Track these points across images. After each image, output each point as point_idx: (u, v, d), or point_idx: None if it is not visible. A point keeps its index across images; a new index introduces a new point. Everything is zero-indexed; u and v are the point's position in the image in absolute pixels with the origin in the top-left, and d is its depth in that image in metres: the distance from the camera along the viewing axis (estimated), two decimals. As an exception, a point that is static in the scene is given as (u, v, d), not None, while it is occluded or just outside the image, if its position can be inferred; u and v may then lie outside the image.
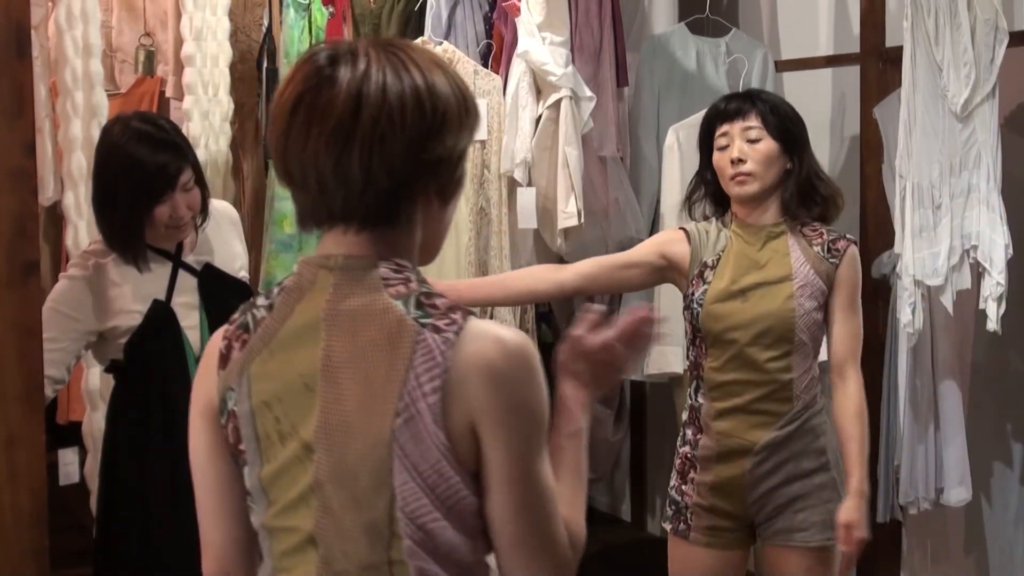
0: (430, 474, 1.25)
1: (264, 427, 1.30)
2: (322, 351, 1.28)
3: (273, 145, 1.31)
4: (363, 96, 1.25)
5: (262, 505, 1.33)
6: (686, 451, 2.50)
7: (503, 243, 3.68)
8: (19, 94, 2.05)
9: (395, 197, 1.29)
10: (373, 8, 4.11)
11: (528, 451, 1.27)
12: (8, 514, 2.04)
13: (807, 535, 2.42)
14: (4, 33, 2.03)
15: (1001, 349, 3.53)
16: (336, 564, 1.28)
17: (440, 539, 1.26)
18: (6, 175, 2.04)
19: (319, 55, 1.29)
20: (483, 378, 1.24)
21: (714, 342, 2.43)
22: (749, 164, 2.44)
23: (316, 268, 1.31)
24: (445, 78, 1.30)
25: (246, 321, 1.34)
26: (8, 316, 2.05)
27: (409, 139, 1.26)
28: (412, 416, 1.24)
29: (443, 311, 1.27)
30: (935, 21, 3.13)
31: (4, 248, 2.04)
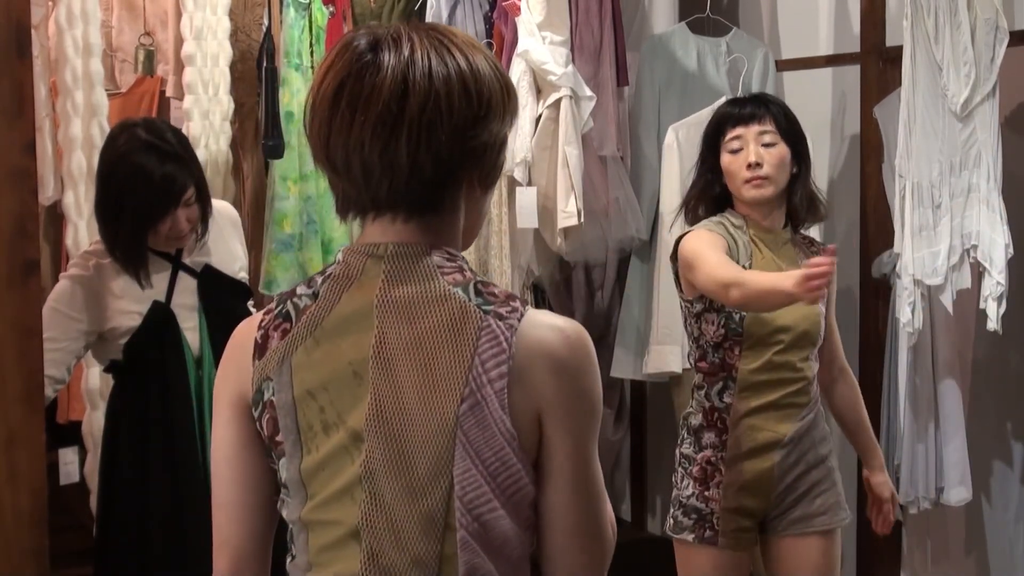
0: (493, 461, 1.23)
1: (307, 417, 1.27)
2: (375, 338, 1.25)
3: (315, 133, 1.27)
4: (409, 82, 1.22)
5: (298, 498, 1.29)
6: (707, 455, 2.51)
7: (503, 242, 3.68)
8: (19, 94, 2.05)
9: (441, 185, 1.26)
10: (373, 7, 4.11)
11: (588, 439, 1.27)
12: (8, 514, 2.04)
13: (826, 518, 2.53)
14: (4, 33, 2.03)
15: (1001, 349, 3.53)
16: (383, 558, 1.24)
17: (495, 531, 1.24)
18: (6, 175, 2.04)
19: (359, 41, 1.26)
20: (548, 366, 1.24)
21: (753, 344, 2.47)
22: (766, 168, 2.48)
23: (364, 257, 1.28)
24: (486, 61, 1.28)
25: (286, 310, 1.30)
26: (8, 316, 2.05)
27: (456, 126, 1.24)
28: (478, 402, 1.22)
29: (503, 299, 1.26)
30: (935, 20, 3.13)
31: (4, 248, 2.04)
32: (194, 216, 2.49)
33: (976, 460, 3.44)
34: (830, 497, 2.53)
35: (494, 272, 3.68)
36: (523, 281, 3.81)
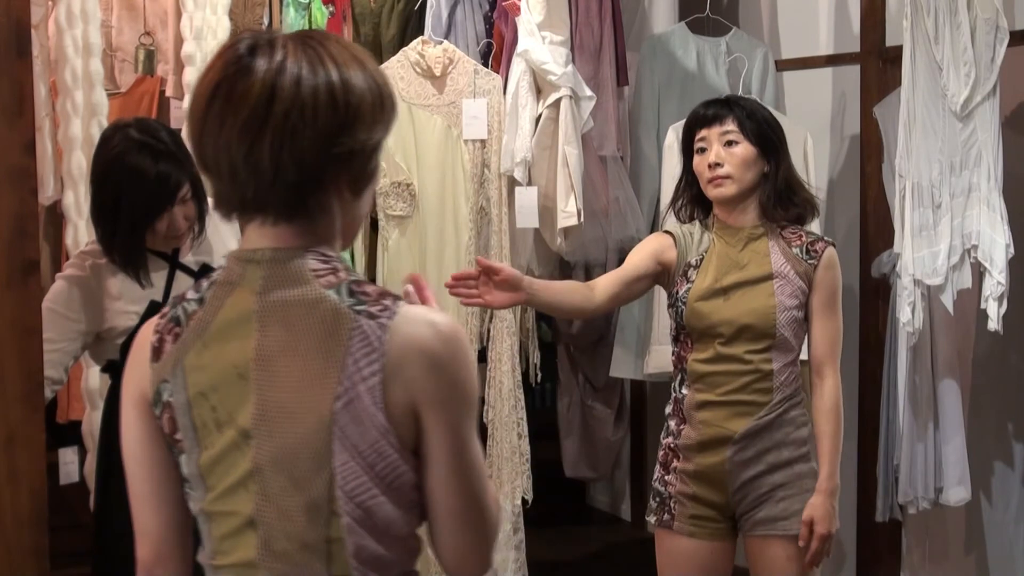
0: (369, 453, 1.30)
1: (201, 416, 1.35)
2: (255, 342, 1.32)
3: (191, 132, 1.33)
4: (277, 88, 1.27)
5: (200, 491, 1.37)
6: (668, 441, 2.59)
7: (503, 242, 3.68)
8: (19, 93, 2.05)
9: (305, 188, 1.31)
10: (373, 7, 4.11)
11: (464, 427, 1.33)
12: (8, 514, 2.04)
13: (788, 523, 2.49)
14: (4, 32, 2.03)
15: (1002, 348, 3.53)
16: (276, 544, 1.33)
17: (378, 515, 1.32)
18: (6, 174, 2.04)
19: (240, 44, 1.32)
20: (421, 361, 1.29)
21: (699, 337, 2.53)
22: (726, 167, 2.53)
23: (244, 263, 1.35)
24: (363, 74, 1.33)
25: (177, 315, 1.38)
26: (8, 316, 2.05)
27: (319, 133, 1.29)
28: (352, 399, 1.28)
29: (375, 298, 1.32)
30: (935, 20, 3.13)
31: (4, 248, 2.04)
32: (191, 214, 2.48)
33: (976, 460, 3.44)
34: (794, 503, 2.48)
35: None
36: (523, 281, 3.81)
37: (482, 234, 3.73)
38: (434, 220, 3.70)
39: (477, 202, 3.73)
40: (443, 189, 3.70)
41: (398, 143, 3.68)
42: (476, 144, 3.71)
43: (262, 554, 1.33)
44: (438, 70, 3.69)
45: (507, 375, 3.67)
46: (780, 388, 2.50)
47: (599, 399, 4.40)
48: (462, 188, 3.70)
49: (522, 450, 3.69)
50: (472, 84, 3.71)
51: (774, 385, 2.50)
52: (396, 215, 3.68)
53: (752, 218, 2.57)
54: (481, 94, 3.70)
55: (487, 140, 3.71)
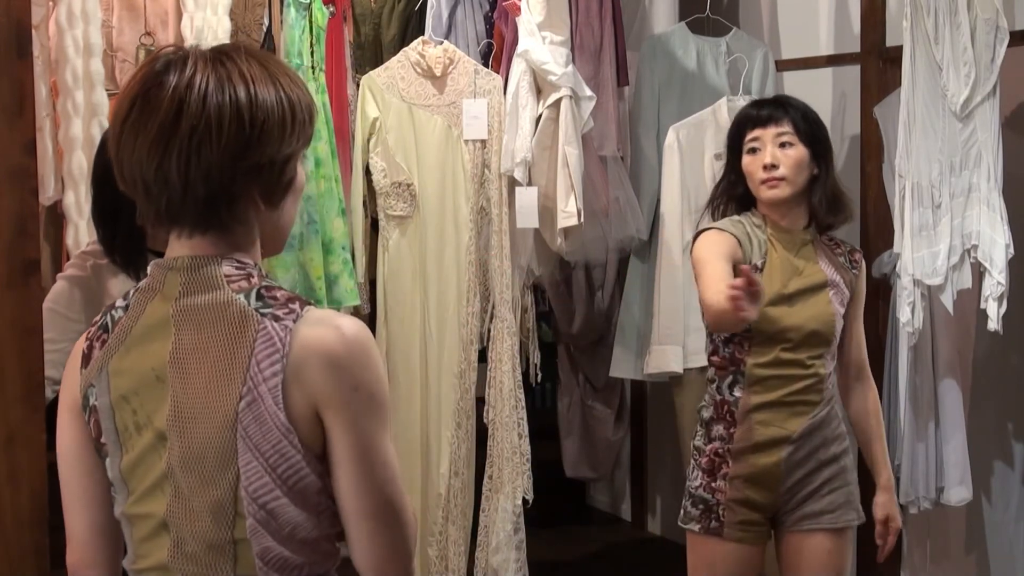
0: (271, 454, 1.32)
1: (123, 419, 1.38)
2: (171, 344, 1.36)
3: (111, 145, 1.37)
4: (184, 104, 1.31)
5: (123, 495, 1.41)
6: (715, 447, 2.56)
7: (503, 242, 3.68)
8: (19, 93, 2.05)
9: (215, 201, 1.35)
10: (374, 8, 4.11)
11: (369, 429, 1.34)
12: (8, 514, 2.04)
13: (834, 516, 2.54)
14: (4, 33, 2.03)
15: (1002, 348, 3.53)
16: (185, 546, 1.36)
17: (282, 518, 1.33)
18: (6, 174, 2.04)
19: (158, 60, 1.36)
20: (322, 362, 1.32)
21: (762, 341, 2.52)
22: (781, 169, 2.53)
23: (165, 270, 1.39)
24: (274, 89, 1.36)
25: (106, 322, 1.42)
26: (8, 316, 2.05)
27: (225, 148, 1.32)
28: (255, 399, 1.31)
29: (282, 302, 1.35)
30: (935, 21, 3.13)
31: (4, 248, 2.04)
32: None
33: (976, 460, 3.44)
34: (840, 496, 2.55)
35: (494, 272, 3.68)
36: (523, 281, 3.81)
37: (482, 234, 3.73)
38: (434, 220, 3.70)
39: (477, 202, 3.73)
40: (443, 189, 3.70)
41: (398, 143, 3.68)
42: (476, 144, 3.71)
43: (173, 555, 1.37)
44: (438, 70, 3.69)
45: (507, 375, 3.67)
46: (829, 387, 2.57)
47: (599, 399, 4.40)
48: (462, 188, 3.70)
49: (522, 450, 3.69)
50: (472, 84, 3.71)
51: (825, 386, 2.55)
52: (396, 215, 3.68)
53: (802, 222, 2.59)
54: (481, 94, 3.70)
55: (487, 140, 3.71)
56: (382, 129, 3.69)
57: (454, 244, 3.70)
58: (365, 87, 3.70)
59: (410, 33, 4.00)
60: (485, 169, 3.72)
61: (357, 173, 3.68)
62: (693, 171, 3.80)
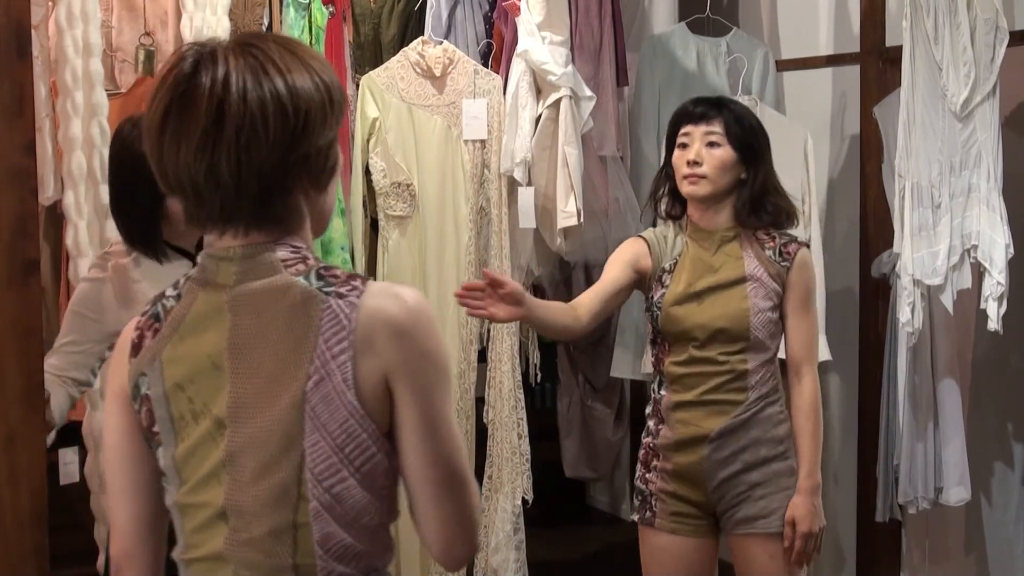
0: (339, 434, 1.31)
1: (178, 408, 1.37)
2: (228, 332, 1.35)
3: (150, 155, 1.36)
4: (225, 105, 1.30)
5: (175, 484, 1.39)
6: (648, 441, 2.62)
7: (503, 242, 3.68)
8: (19, 94, 2.05)
9: (269, 197, 1.35)
10: (373, 8, 4.11)
11: (437, 397, 1.35)
12: (8, 514, 2.04)
13: (768, 521, 2.51)
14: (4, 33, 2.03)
15: (1001, 349, 3.53)
16: (244, 532, 1.34)
17: (347, 502, 1.33)
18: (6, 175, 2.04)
19: (185, 61, 1.33)
20: (388, 332, 1.32)
21: (674, 341, 2.56)
22: (704, 167, 2.55)
23: (217, 260, 1.37)
24: (307, 73, 1.34)
25: (157, 311, 1.41)
26: (8, 316, 2.05)
27: (274, 144, 1.31)
28: (323, 378, 1.31)
29: (343, 279, 1.35)
30: (935, 21, 3.13)
31: (4, 248, 2.04)
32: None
33: (976, 460, 3.44)
34: (773, 502, 2.51)
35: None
36: (523, 281, 3.81)
37: (482, 234, 3.73)
38: (434, 220, 3.70)
39: (477, 202, 3.73)
40: (443, 189, 3.70)
41: (398, 143, 3.68)
42: (476, 144, 3.71)
43: (229, 543, 1.35)
44: (438, 70, 3.69)
45: (507, 375, 3.67)
46: (756, 387, 2.53)
47: (599, 399, 4.40)
48: (462, 188, 3.70)
49: (522, 450, 3.69)
50: (472, 84, 3.71)
51: (749, 384, 2.52)
52: (396, 215, 3.68)
53: (725, 221, 2.59)
54: (481, 94, 3.70)
55: (487, 140, 3.71)
56: (382, 129, 3.69)
57: (454, 244, 3.70)
58: (365, 87, 3.70)
59: (409, 33, 4.00)
60: (485, 169, 3.72)
61: (357, 173, 3.68)
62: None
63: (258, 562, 1.33)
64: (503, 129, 3.63)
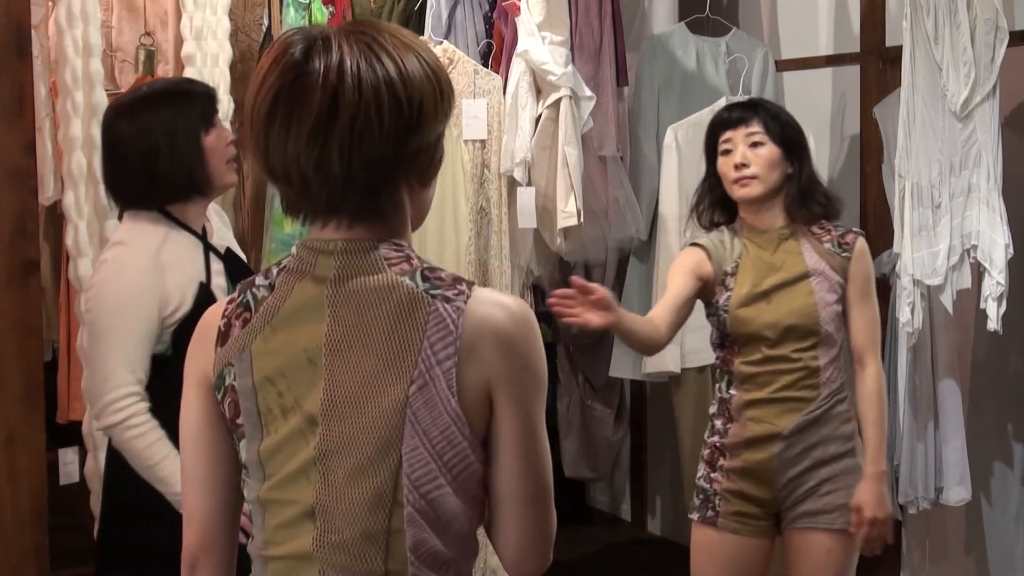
0: (440, 440, 1.28)
1: (266, 401, 1.33)
2: (327, 327, 1.31)
3: (255, 143, 1.32)
4: (339, 94, 1.25)
5: (257, 479, 1.35)
6: (715, 440, 2.61)
7: (503, 242, 3.68)
8: (19, 94, 2.06)
9: (377, 190, 1.31)
10: (373, 8, 4.11)
11: (536, 409, 1.32)
12: (8, 514, 2.05)
13: (831, 517, 2.53)
14: (4, 33, 2.04)
15: (1001, 349, 3.53)
16: (334, 534, 1.30)
17: (441, 508, 1.30)
18: (6, 175, 2.05)
19: (294, 47, 1.29)
20: (495, 341, 1.29)
21: (745, 342, 2.56)
22: (752, 167, 2.57)
23: (315, 253, 1.33)
24: (418, 61, 1.31)
25: (247, 300, 1.36)
26: (8, 316, 2.05)
27: (387, 135, 1.28)
28: (426, 383, 1.27)
29: (449, 283, 1.32)
30: (935, 21, 3.13)
31: (4, 248, 2.05)
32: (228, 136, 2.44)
33: (976, 460, 3.44)
34: (838, 498, 2.53)
35: (494, 272, 3.68)
36: (523, 281, 3.81)
37: (482, 234, 3.73)
38: (434, 220, 3.69)
39: (477, 202, 3.73)
40: (443, 189, 3.70)
41: (398, 143, 3.68)
42: (476, 144, 3.71)
43: (318, 544, 1.31)
44: (438, 70, 3.69)
45: (507, 375, 3.67)
46: (827, 383, 2.54)
47: (599, 399, 4.40)
48: (462, 188, 3.70)
49: (522, 450, 3.68)
50: (472, 84, 3.71)
51: (821, 380, 2.54)
52: (396, 215, 3.68)
53: (779, 219, 2.61)
54: (481, 94, 3.70)
55: (487, 140, 3.71)
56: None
57: (454, 244, 3.70)
58: (365, 87, 3.69)
59: (410, 33, 3.99)
60: (485, 169, 3.72)
61: (357, 173, 3.68)
62: (692, 171, 3.79)
63: (348, 565, 1.30)
64: (503, 129, 3.63)
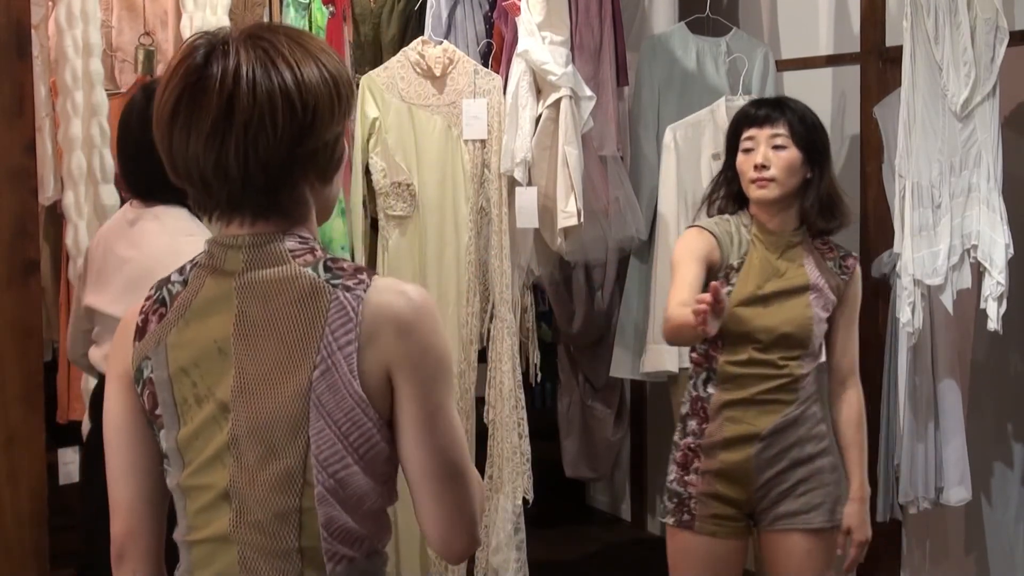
0: (344, 422, 1.34)
1: (182, 392, 1.39)
2: (235, 317, 1.37)
3: (160, 145, 1.37)
4: (234, 99, 1.31)
5: (177, 467, 1.41)
6: (688, 442, 2.58)
7: (503, 242, 3.68)
8: (19, 94, 2.06)
9: (276, 190, 1.37)
10: (373, 8, 4.11)
11: (437, 390, 1.37)
12: (8, 514, 2.05)
13: (809, 517, 2.52)
14: (4, 33, 2.04)
15: (1001, 349, 3.53)
16: (249, 515, 1.36)
17: (351, 487, 1.35)
18: (6, 175, 2.05)
19: (197, 52, 1.34)
20: (393, 327, 1.35)
21: (734, 341, 2.53)
22: (772, 170, 2.53)
23: (224, 248, 1.39)
24: (316, 67, 1.35)
25: (162, 296, 1.43)
26: (8, 316, 2.05)
27: (281, 138, 1.33)
28: (329, 368, 1.33)
29: (350, 272, 1.37)
30: (935, 21, 3.13)
31: (4, 248, 2.05)
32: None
33: (976, 460, 3.44)
34: (815, 497, 2.52)
35: (494, 272, 3.68)
36: (523, 281, 3.81)
37: (482, 234, 3.73)
38: (434, 220, 3.70)
39: (477, 202, 3.73)
40: (443, 189, 3.70)
41: (398, 143, 3.68)
42: (476, 144, 3.71)
43: (234, 526, 1.37)
44: (438, 70, 3.69)
45: (507, 375, 3.67)
46: (805, 387, 2.55)
47: (599, 399, 4.40)
48: (462, 188, 3.70)
49: (523, 450, 3.69)
50: (472, 84, 3.71)
51: (800, 386, 2.54)
52: (396, 215, 3.69)
53: (791, 224, 2.58)
54: (481, 94, 3.70)
55: (487, 140, 3.71)
56: (382, 129, 3.69)
57: (454, 244, 3.70)
58: (365, 87, 3.70)
59: (409, 33, 4.00)
60: (485, 169, 3.72)
61: (357, 173, 3.68)
62: (691, 171, 3.80)
63: (264, 545, 1.36)
64: (503, 129, 3.63)
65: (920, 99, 3.16)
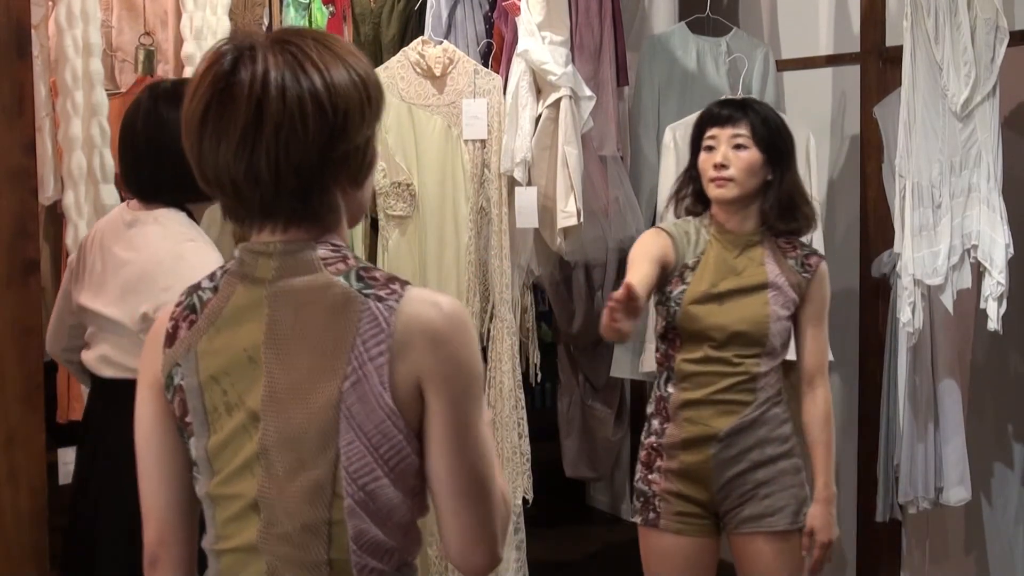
0: (375, 434, 1.33)
1: (212, 400, 1.38)
2: (266, 325, 1.35)
3: (189, 152, 1.36)
4: (264, 105, 1.30)
5: (207, 475, 1.40)
6: (651, 441, 2.60)
7: (503, 242, 3.68)
8: (19, 93, 2.06)
9: (308, 195, 1.35)
10: (373, 7, 4.11)
11: (468, 404, 1.35)
12: (8, 514, 2.05)
13: (774, 520, 2.52)
14: (4, 33, 2.03)
15: (1001, 349, 3.53)
16: (277, 526, 1.35)
17: (380, 499, 1.34)
18: (6, 174, 2.04)
19: (224, 58, 1.33)
20: (426, 339, 1.33)
21: (689, 339, 2.54)
22: (731, 170, 2.54)
23: (256, 255, 1.38)
24: (345, 70, 1.34)
25: (192, 303, 1.41)
26: (8, 316, 2.05)
27: (312, 141, 1.31)
28: (359, 379, 1.32)
29: (383, 282, 1.36)
30: (935, 20, 3.13)
31: (4, 248, 2.05)
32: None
33: (976, 460, 3.44)
34: (779, 500, 2.52)
35: (494, 272, 3.68)
36: (523, 281, 3.81)
37: (482, 234, 3.73)
38: (434, 220, 3.70)
39: (477, 202, 3.73)
40: (443, 189, 3.70)
41: (398, 143, 3.68)
42: (476, 144, 3.71)
43: (263, 536, 1.35)
44: (438, 70, 3.69)
45: (507, 375, 3.67)
46: (764, 388, 2.53)
47: (599, 399, 4.40)
48: (462, 188, 3.70)
49: (523, 450, 3.69)
50: (472, 84, 3.71)
51: (759, 386, 2.53)
52: (396, 215, 3.68)
53: (751, 224, 2.58)
54: (481, 94, 3.70)
55: (487, 140, 3.70)
56: (381, 129, 3.68)
57: (454, 244, 3.70)
58: (365, 87, 3.69)
59: (409, 33, 3.99)
60: (485, 169, 3.72)
61: (357, 173, 3.68)
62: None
63: (293, 556, 1.35)
64: (503, 129, 3.63)
65: (920, 99, 3.16)
